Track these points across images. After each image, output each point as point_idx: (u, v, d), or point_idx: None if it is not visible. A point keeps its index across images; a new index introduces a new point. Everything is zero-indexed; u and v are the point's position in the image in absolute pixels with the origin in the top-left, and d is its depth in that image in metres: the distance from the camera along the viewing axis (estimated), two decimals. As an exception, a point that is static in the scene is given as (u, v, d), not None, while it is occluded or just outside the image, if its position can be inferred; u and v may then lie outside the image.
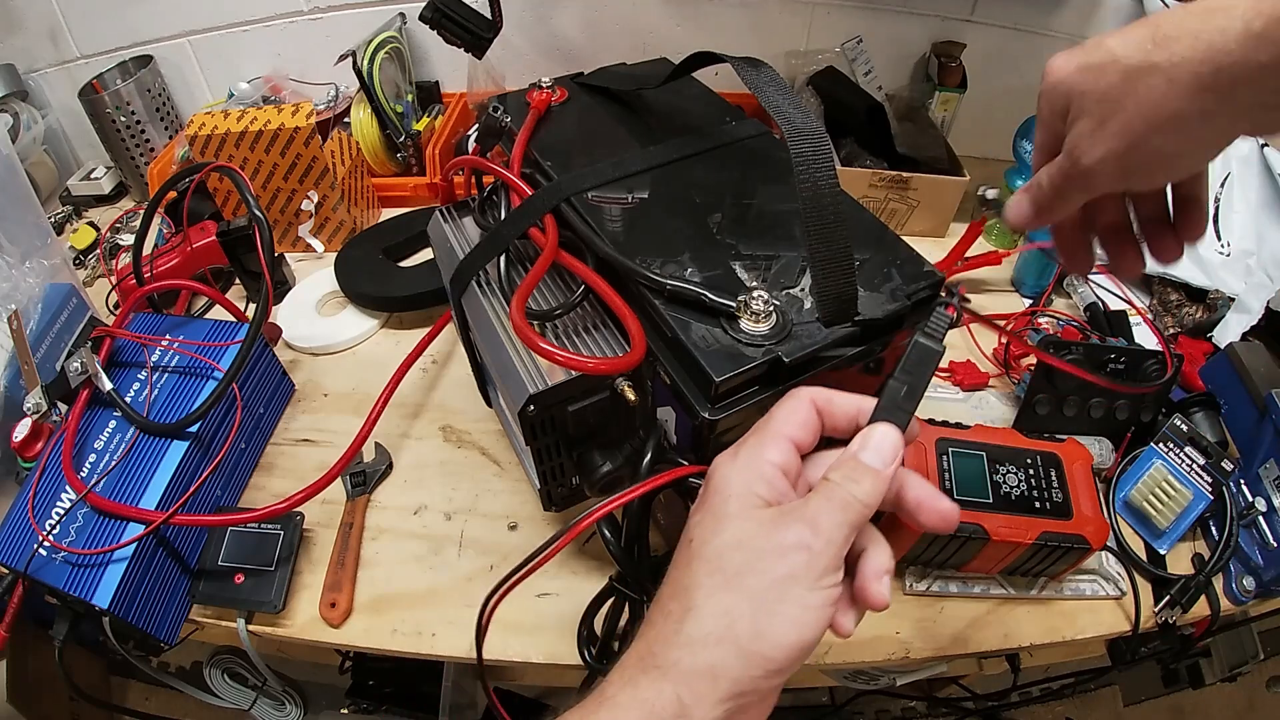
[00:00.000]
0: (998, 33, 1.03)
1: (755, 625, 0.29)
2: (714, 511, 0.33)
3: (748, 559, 0.30)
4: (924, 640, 0.60)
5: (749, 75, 0.47)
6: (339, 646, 0.70)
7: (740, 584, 0.30)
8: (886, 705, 1.13)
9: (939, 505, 0.34)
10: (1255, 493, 0.63)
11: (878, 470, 0.32)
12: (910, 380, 0.34)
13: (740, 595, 0.30)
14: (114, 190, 1.11)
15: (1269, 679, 1.07)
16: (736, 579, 0.30)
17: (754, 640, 0.29)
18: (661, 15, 1.06)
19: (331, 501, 0.68)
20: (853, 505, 0.31)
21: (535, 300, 0.53)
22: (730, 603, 0.30)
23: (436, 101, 1.14)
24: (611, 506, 0.41)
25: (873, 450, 0.33)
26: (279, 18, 1.07)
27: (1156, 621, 0.62)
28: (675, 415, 0.48)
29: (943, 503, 0.34)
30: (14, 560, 0.56)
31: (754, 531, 0.31)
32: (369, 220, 1.02)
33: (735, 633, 0.29)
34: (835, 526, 0.31)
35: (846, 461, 0.33)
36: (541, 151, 0.60)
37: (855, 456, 0.33)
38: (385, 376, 0.73)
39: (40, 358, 0.68)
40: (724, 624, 0.29)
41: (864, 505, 0.32)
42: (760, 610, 0.29)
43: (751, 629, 0.29)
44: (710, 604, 0.30)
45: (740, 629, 0.29)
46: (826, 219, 0.41)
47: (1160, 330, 0.83)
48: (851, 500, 0.31)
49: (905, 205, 0.96)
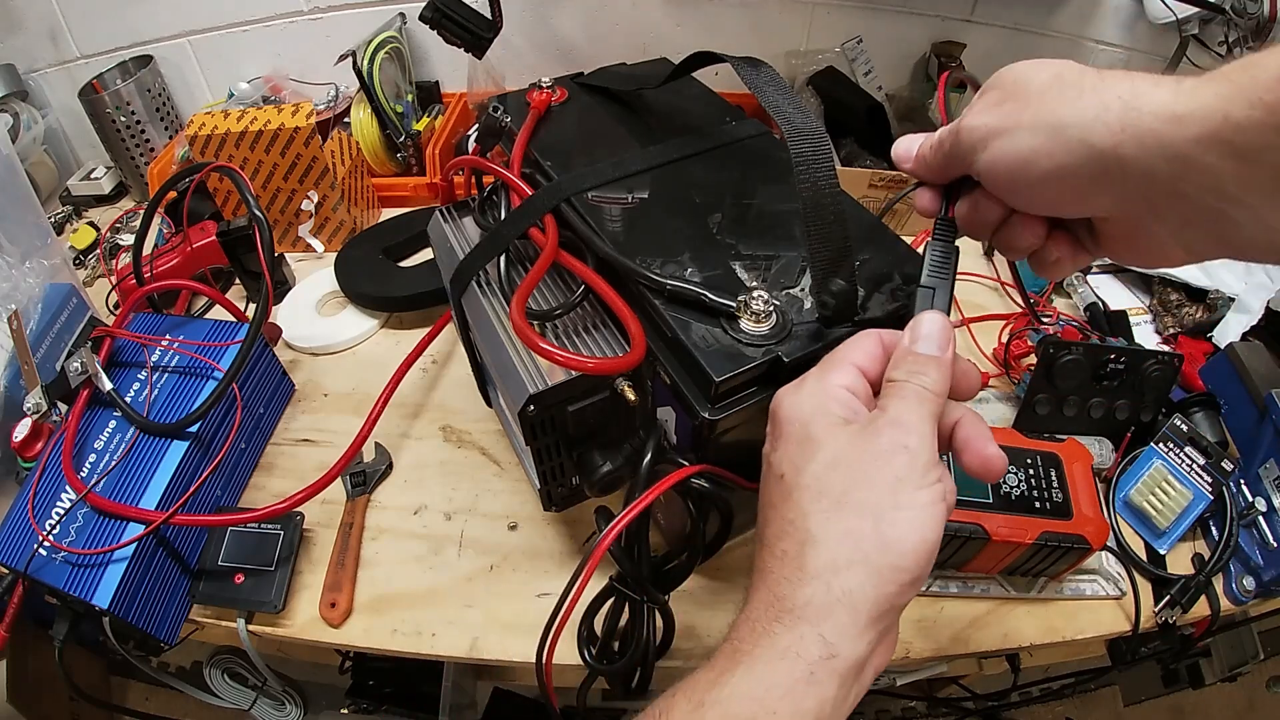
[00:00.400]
0: (998, 33, 1.03)
1: (880, 538, 0.28)
2: (796, 439, 0.32)
3: (850, 475, 0.30)
4: (924, 640, 0.60)
5: (749, 75, 0.47)
6: (339, 646, 0.70)
7: (851, 501, 0.29)
8: (886, 705, 1.12)
9: (986, 450, 0.33)
10: (1255, 493, 0.63)
11: (937, 357, 0.32)
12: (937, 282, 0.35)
13: (855, 512, 0.29)
14: (114, 190, 1.11)
15: (1269, 679, 1.07)
16: (845, 497, 0.29)
17: (883, 553, 0.28)
18: (661, 15, 1.06)
19: (331, 501, 0.68)
20: (926, 397, 0.31)
21: (535, 300, 0.53)
22: (848, 523, 0.29)
23: (436, 101, 1.14)
24: (629, 517, 0.41)
25: (925, 339, 0.33)
26: (279, 18, 1.07)
27: (1156, 621, 0.62)
28: (675, 415, 0.48)
29: (990, 447, 0.33)
30: (14, 560, 0.56)
31: (846, 447, 0.30)
32: (369, 220, 1.02)
33: (863, 551, 0.28)
34: (920, 420, 0.31)
35: (904, 358, 0.33)
36: (541, 151, 0.60)
37: (911, 350, 0.33)
38: (385, 376, 0.73)
39: (40, 358, 0.68)
40: (849, 546, 0.29)
41: (936, 395, 0.31)
42: (880, 522, 0.29)
43: (877, 543, 0.28)
44: (827, 530, 0.29)
45: (867, 547, 0.28)
46: (826, 219, 0.41)
47: (1160, 330, 0.83)
48: (924, 392, 0.31)
49: (905, 205, 0.96)
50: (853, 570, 0.28)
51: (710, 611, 0.61)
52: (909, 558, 0.28)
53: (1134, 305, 0.87)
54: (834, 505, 0.30)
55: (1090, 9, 0.99)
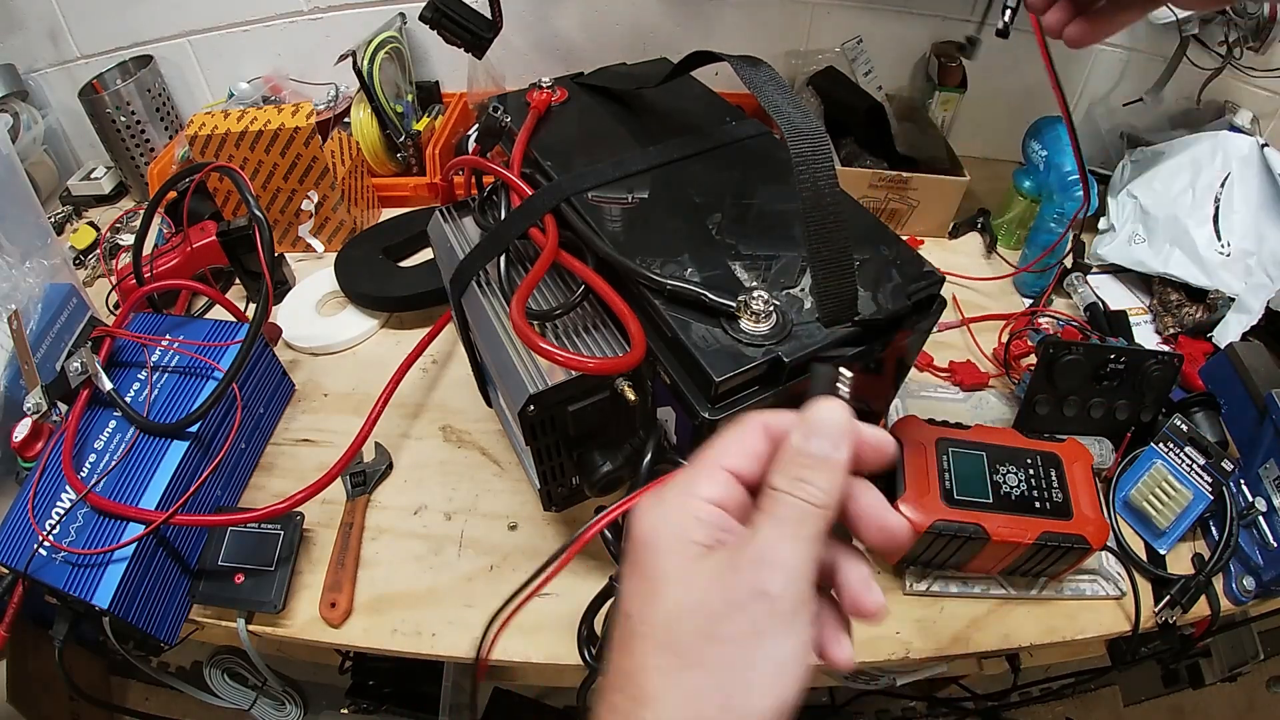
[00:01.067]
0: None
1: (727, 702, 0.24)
2: (645, 572, 0.27)
3: (700, 625, 0.25)
4: (924, 640, 0.60)
5: (749, 75, 0.47)
6: (339, 646, 0.70)
7: (697, 658, 0.25)
8: (886, 705, 1.13)
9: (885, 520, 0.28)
10: (1255, 493, 0.63)
11: (826, 458, 0.27)
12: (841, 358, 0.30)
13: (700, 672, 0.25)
14: (114, 190, 1.11)
15: (1269, 679, 1.06)
16: (692, 653, 0.25)
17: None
18: (661, 15, 1.06)
19: (331, 501, 0.68)
20: (809, 515, 0.26)
21: (535, 300, 0.53)
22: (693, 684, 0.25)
23: (436, 101, 1.14)
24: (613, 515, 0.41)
25: (818, 434, 0.27)
26: (279, 18, 1.07)
27: (1156, 621, 0.62)
28: (675, 415, 0.48)
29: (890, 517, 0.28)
30: (14, 560, 0.56)
31: (701, 587, 0.26)
32: (369, 220, 1.02)
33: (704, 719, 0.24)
34: (793, 551, 0.25)
35: (791, 460, 0.27)
36: (541, 151, 0.60)
37: (797, 449, 0.27)
38: (385, 376, 0.73)
39: (40, 358, 0.68)
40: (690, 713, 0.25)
41: (823, 509, 0.26)
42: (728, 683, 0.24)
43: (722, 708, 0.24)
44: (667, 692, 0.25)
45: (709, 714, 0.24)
46: (826, 219, 0.41)
47: (1160, 330, 0.83)
48: (805, 509, 0.26)
49: (905, 205, 0.96)
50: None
51: (710, 611, 0.61)
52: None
53: (1134, 305, 0.87)
54: (678, 661, 0.25)
55: (1090, 9, 0.99)
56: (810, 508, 0.26)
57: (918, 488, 0.57)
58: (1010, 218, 0.96)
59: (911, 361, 0.59)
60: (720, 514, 0.27)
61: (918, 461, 0.58)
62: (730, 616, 0.25)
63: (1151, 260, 0.85)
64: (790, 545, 0.25)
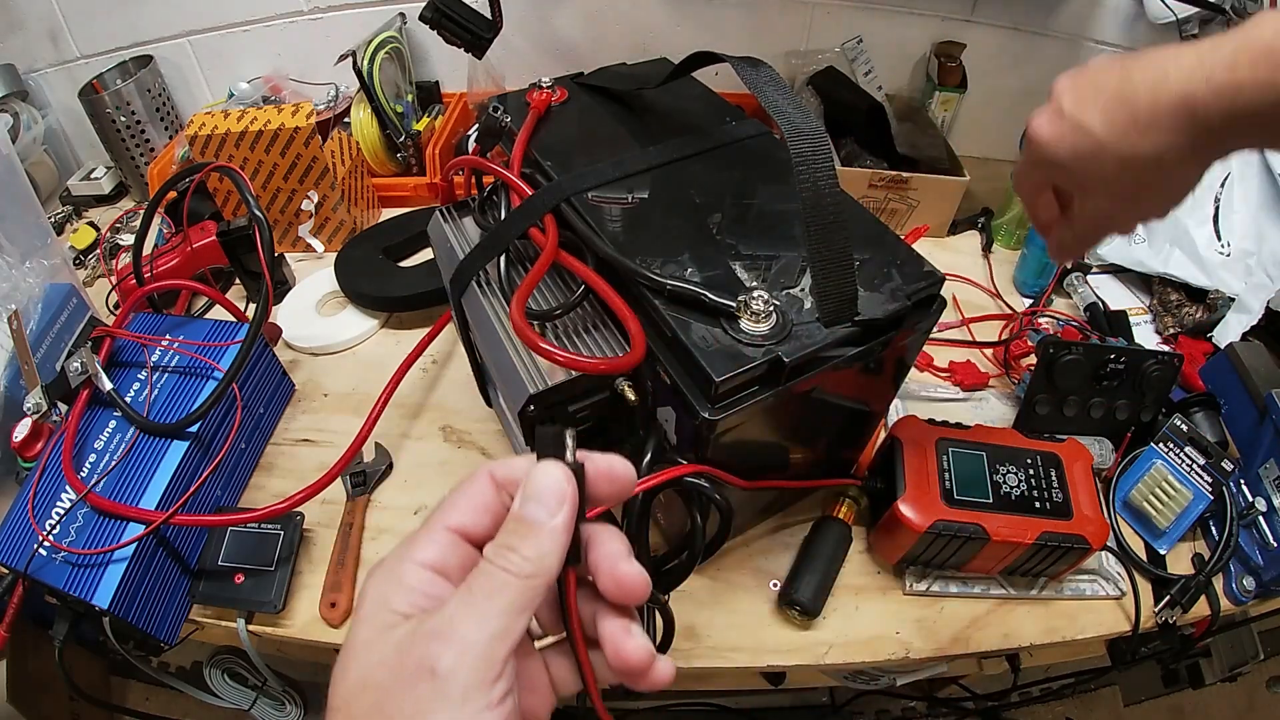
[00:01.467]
0: (998, 33, 1.03)
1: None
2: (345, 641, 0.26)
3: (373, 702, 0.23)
4: (924, 640, 0.60)
5: (749, 75, 0.47)
6: (339, 646, 0.70)
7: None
8: (886, 705, 1.13)
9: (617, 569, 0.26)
10: (1255, 493, 0.63)
11: (539, 524, 0.25)
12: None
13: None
14: (114, 190, 1.11)
15: (1269, 679, 1.07)
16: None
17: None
18: (661, 15, 1.06)
19: (331, 501, 0.68)
20: (506, 585, 0.24)
21: (535, 300, 0.53)
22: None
23: (436, 101, 1.14)
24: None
25: (532, 499, 0.25)
26: (279, 18, 1.07)
27: (1156, 621, 0.62)
28: (675, 415, 0.48)
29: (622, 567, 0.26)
30: (14, 560, 0.56)
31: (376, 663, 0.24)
32: (369, 220, 1.02)
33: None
34: (476, 626, 0.23)
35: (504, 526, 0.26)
36: (541, 151, 0.60)
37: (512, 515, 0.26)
38: (385, 376, 0.73)
39: (40, 358, 0.68)
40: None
41: (527, 578, 0.24)
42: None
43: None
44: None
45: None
46: (826, 219, 0.41)
47: (1160, 330, 0.83)
48: (504, 579, 0.24)
49: (905, 205, 0.96)
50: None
51: (710, 611, 0.61)
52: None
53: (1134, 305, 0.87)
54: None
55: (1090, 9, 0.99)
56: (509, 577, 0.24)
57: (918, 488, 0.57)
58: (1010, 218, 0.96)
59: (911, 361, 0.59)
60: (432, 578, 0.26)
61: (918, 462, 0.58)
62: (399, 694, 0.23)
63: (1151, 260, 0.85)
64: (475, 620, 0.24)
